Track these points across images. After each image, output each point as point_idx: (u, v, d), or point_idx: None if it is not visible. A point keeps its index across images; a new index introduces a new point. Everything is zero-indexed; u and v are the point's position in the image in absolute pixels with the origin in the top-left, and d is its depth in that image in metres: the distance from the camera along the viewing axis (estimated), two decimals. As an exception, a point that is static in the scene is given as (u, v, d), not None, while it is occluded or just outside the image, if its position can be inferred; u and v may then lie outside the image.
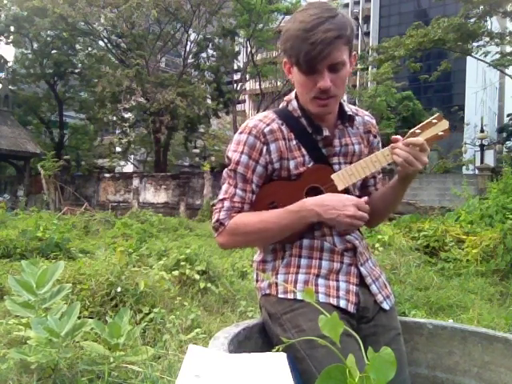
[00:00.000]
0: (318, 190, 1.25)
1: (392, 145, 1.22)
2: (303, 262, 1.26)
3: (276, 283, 1.26)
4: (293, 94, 1.33)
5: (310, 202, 1.19)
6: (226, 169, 1.29)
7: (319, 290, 1.22)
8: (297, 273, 1.25)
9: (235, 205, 1.25)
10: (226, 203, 1.26)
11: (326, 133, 1.27)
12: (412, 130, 1.22)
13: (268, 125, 1.26)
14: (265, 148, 1.25)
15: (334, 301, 1.21)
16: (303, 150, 1.27)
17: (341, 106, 1.33)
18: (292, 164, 1.25)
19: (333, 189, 1.23)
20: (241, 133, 1.28)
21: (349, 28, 1.17)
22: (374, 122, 1.43)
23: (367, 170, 1.23)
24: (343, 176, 1.23)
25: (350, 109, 1.37)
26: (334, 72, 1.18)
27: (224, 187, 1.28)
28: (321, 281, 1.24)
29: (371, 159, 1.23)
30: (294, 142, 1.27)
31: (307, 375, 1.10)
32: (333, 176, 1.24)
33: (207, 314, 3.64)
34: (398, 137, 1.22)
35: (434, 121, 1.21)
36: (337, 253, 1.27)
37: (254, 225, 1.22)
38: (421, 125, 1.22)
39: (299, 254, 1.27)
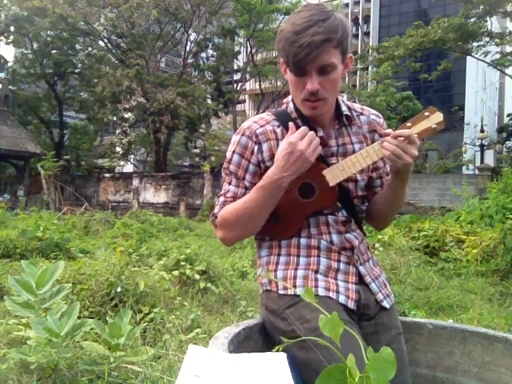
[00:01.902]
0: (310, 186, 1.26)
1: (382, 139, 1.21)
2: (302, 260, 1.28)
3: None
4: (290, 96, 1.34)
5: (271, 172, 1.21)
6: (222, 167, 1.36)
7: (319, 284, 1.23)
8: (296, 269, 1.27)
9: (227, 199, 1.32)
10: (221, 198, 1.33)
11: (320, 133, 1.28)
12: (403, 124, 1.21)
13: (262, 126, 1.31)
14: (256, 147, 1.30)
15: (333, 295, 1.22)
16: None
17: (338, 106, 1.33)
18: None
19: (324, 185, 1.24)
20: (237, 134, 1.34)
21: (340, 30, 1.16)
22: (380, 120, 1.41)
23: (358, 165, 1.23)
24: (334, 172, 1.24)
25: (353, 108, 1.38)
26: (323, 75, 1.19)
27: (223, 185, 1.36)
28: (320, 276, 1.25)
29: (362, 154, 1.23)
30: None
31: (314, 364, 1.09)
32: (324, 172, 1.24)
33: (207, 314, 3.63)
34: (389, 131, 1.21)
35: (426, 113, 1.20)
36: (334, 251, 1.28)
37: (239, 209, 1.26)
38: (412, 118, 1.21)
39: (297, 253, 1.28)
